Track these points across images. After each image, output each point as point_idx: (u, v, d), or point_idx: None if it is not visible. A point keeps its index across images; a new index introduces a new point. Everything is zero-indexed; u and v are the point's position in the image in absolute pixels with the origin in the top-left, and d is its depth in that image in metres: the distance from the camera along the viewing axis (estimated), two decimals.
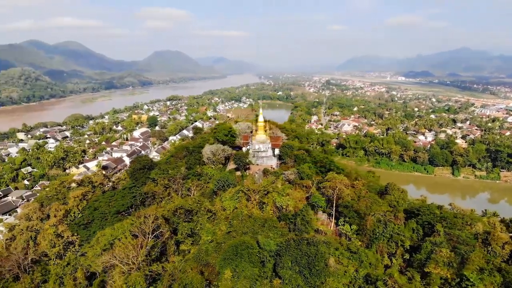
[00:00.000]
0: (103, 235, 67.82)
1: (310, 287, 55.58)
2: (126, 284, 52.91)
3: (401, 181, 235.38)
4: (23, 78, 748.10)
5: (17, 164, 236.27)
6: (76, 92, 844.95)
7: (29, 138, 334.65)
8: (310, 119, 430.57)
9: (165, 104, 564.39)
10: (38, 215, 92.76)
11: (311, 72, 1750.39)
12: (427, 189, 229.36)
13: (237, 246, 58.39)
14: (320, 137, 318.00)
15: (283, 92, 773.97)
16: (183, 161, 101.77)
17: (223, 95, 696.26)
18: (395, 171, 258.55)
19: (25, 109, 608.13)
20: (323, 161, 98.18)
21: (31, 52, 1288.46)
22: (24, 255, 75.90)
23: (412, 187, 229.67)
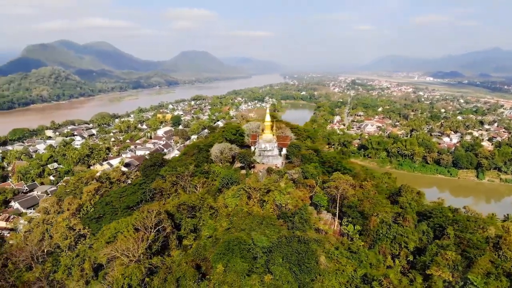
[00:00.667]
0: (108, 229, 70.73)
1: (300, 283, 56.30)
2: (122, 275, 55.19)
3: (423, 183, 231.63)
4: (53, 77, 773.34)
5: (44, 160, 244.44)
6: (104, 91, 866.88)
7: (57, 135, 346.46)
8: (333, 119, 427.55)
9: (190, 103, 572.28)
10: (56, 209, 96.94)
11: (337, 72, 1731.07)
12: (451, 192, 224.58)
13: (230, 242, 59.92)
14: (342, 137, 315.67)
15: (306, 92, 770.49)
16: (192, 159, 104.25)
17: (246, 95, 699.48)
18: (417, 173, 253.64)
19: (55, 107, 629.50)
20: (330, 161, 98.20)
21: (62, 52, 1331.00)
22: (38, 247, 79.87)
23: (435, 190, 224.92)
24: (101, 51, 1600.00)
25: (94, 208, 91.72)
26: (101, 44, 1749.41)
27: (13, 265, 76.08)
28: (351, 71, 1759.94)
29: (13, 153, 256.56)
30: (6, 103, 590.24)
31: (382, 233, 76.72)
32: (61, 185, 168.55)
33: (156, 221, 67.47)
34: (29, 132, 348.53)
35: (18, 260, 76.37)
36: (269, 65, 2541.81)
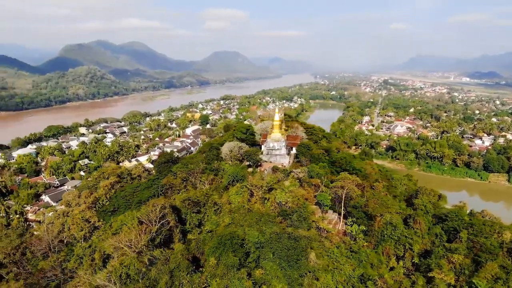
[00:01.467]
0: (116, 221, 74.14)
1: (288, 279, 57.11)
2: (121, 265, 58.01)
3: (451, 187, 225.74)
4: (89, 76, 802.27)
5: (76, 156, 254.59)
6: (138, 91, 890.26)
7: (90, 132, 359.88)
8: (362, 119, 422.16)
9: (219, 103, 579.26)
10: (76, 202, 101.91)
11: (369, 71, 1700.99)
12: (480, 196, 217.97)
13: (222, 236, 61.70)
14: (369, 138, 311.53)
15: (336, 91, 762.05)
16: (203, 157, 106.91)
17: (275, 94, 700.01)
18: (446, 176, 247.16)
19: (90, 105, 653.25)
20: (340, 162, 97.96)
21: (99, 51, 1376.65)
22: (54, 237, 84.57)
23: (464, 193, 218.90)
24: (136, 51, 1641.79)
25: (109, 202, 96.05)
26: (136, 44, 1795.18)
27: (31, 254, 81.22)
28: (384, 71, 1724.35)
29: (47, 149, 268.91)
30: (43, 101, 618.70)
31: (386, 234, 76.17)
32: (84, 179, 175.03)
33: (161, 215, 70.34)
34: (64, 129, 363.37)
35: (36, 250, 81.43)
36: (300, 64, 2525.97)
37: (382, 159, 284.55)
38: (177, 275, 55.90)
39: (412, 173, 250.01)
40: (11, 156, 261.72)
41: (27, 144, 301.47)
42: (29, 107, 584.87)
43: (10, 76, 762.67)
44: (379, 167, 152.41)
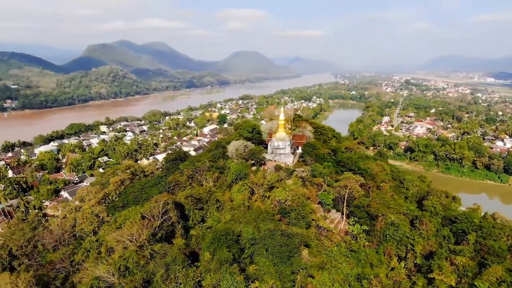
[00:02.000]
0: (120, 216, 76.26)
1: (280, 275, 57.70)
2: (120, 257, 59.90)
3: (470, 189, 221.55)
4: (111, 76, 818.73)
5: (96, 153, 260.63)
6: (159, 90, 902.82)
7: (110, 130, 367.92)
8: (381, 120, 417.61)
9: (237, 102, 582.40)
10: (89, 198, 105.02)
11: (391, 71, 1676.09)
12: (501, 199, 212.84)
13: (217, 232, 62.88)
14: (388, 139, 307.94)
15: (356, 91, 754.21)
16: (210, 155, 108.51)
17: (293, 94, 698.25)
18: (465, 178, 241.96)
19: (112, 104, 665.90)
20: (345, 162, 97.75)
21: (121, 51, 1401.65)
22: (64, 231, 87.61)
23: (483, 196, 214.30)
24: (158, 51, 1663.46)
25: (119, 198, 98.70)
26: (158, 44, 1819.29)
27: (42, 246, 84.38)
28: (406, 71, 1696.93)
29: (68, 146, 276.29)
30: (67, 100, 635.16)
31: (389, 235, 75.84)
32: (99, 176, 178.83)
33: (163, 210, 72.07)
34: (85, 127, 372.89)
35: (47, 243, 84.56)
36: (321, 64, 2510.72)
37: (400, 160, 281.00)
38: (173, 268, 57.37)
39: (430, 175, 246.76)
40: (33, 153, 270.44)
41: (49, 141, 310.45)
42: (53, 105, 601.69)
43: (35, 75, 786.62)
44: (393, 168, 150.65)
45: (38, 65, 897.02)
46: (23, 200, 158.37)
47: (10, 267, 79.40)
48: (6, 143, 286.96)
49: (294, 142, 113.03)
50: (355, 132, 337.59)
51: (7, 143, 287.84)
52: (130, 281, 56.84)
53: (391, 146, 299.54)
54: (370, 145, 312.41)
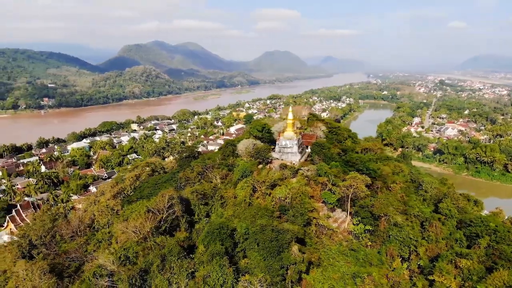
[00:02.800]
0: (128, 209, 79.58)
1: (269, 269, 58.81)
2: (120, 247, 62.99)
3: (500, 193, 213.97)
4: (144, 76, 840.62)
5: (125, 150, 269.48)
6: (190, 90, 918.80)
7: (141, 129, 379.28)
8: (411, 121, 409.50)
9: (265, 102, 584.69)
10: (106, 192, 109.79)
11: (426, 71, 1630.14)
12: None
13: (212, 226, 64.86)
14: (417, 140, 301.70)
15: (388, 91, 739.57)
16: (221, 153, 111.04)
17: (323, 94, 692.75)
18: (496, 182, 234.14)
19: (144, 103, 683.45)
20: (354, 162, 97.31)
21: (155, 52, 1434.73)
22: (81, 222, 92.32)
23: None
24: (190, 51, 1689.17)
25: (133, 192, 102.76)
26: (190, 44, 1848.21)
27: (60, 237, 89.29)
28: (442, 71, 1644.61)
29: (99, 143, 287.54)
30: (101, 98, 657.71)
31: (392, 235, 75.37)
32: (121, 171, 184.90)
33: (168, 205, 74.85)
34: (117, 125, 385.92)
35: (65, 233, 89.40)
36: (353, 63, 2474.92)
37: (429, 162, 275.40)
38: (169, 259, 60.06)
39: (459, 178, 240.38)
40: (66, 149, 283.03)
41: (81, 139, 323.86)
42: (88, 104, 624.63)
43: (72, 74, 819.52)
44: (414, 170, 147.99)
45: (75, 64, 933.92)
46: (52, 194, 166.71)
47: (29, 255, 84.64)
48: (41, 140, 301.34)
49: (304, 142, 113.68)
50: (383, 133, 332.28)
51: (42, 139, 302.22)
52: (127, 269, 59.94)
53: (420, 147, 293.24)
54: (398, 147, 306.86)
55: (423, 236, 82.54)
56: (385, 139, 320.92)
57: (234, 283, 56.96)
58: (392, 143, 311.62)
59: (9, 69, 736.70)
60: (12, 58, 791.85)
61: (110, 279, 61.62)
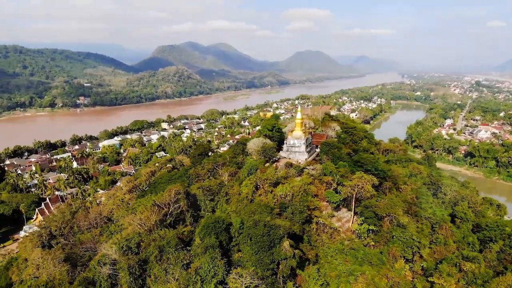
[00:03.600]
0: (137, 203, 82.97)
1: (260, 263, 60.10)
2: (123, 238, 66.23)
3: None
4: (177, 76, 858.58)
5: (154, 148, 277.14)
6: (221, 90, 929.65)
7: (171, 128, 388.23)
8: (443, 122, 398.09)
9: (293, 102, 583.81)
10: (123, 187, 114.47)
11: (463, 72, 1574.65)
12: None
13: (208, 220, 66.95)
14: (447, 143, 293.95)
15: (422, 92, 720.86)
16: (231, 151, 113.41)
17: (353, 94, 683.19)
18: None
19: (176, 103, 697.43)
20: (363, 162, 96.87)
21: (188, 52, 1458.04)
22: (97, 215, 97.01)
23: None
24: (222, 52, 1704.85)
25: (148, 187, 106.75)
26: (222, 45, 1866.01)
27: (78, 228, 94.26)
28: (479, 71, 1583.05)
29: (129, 141, 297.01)
30: (135, 98, 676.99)
31: (395, 236, 74.92)
32: (142, 167, 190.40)
33: (175, 199, 77.72)
34: (147, 124, 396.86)
35: (83, 225, 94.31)
36: (387, 63, 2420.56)
37: (460, 165, 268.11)
38: (167, 250, 62.77)
39: (489, 182, 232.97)
40: (97, 146, 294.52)
41: (113, 136, 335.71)
42: (121, 103, 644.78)
43: (108, 74, 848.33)
44: (436, 172, 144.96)
45: (110, 65, 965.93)
46: (80, 189, 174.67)
47: (48, 245, 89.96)
48: (74, 137, 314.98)
49: (314, 141, 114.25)
50: (413, 135, 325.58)
51: (75, 136, 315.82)
52: (127, 259, 63.12)
53: (450, 150, 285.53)
54: (428, 149, 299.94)
55: (432, 239, 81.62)
56: (415, 141, 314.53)
57: (225, 275, 58.99)
58: (421, 145, 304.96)
59: (48, 68, 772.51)
60: (50, 58, 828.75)
61: (112, 267, 65.17)
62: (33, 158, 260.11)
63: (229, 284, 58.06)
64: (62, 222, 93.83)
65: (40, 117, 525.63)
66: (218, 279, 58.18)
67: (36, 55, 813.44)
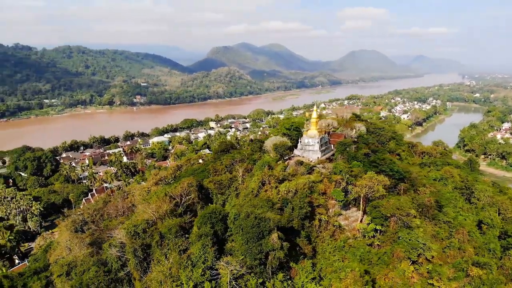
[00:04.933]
0: (152, 193, 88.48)
1: (249, 253, 62.51)
2: (130, 224, 72.08)
3: None
4: (228, 77, 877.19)
5: (199, 146, 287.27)
6: (270, 90, 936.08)
7: (218, 126, 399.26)
8: (500, 126, 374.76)
9: (342, 103, 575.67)
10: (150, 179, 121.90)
11: None
12: None
13: (205, 211, 70.84)
14: (501, 147, 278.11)
15: (481, 94, 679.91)
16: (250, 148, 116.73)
17: (407, 95, 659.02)
18: None
19: (226, 103, 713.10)
20: (379, 162, 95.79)
21: (241, 53, 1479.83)
22: (125, 204, 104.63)
23: None
24: (275, 52, 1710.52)
25: (174, 180, 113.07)
26: (275, 46, 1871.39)
27: (107, 215, 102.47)
28: None
29: (177, 138, 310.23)
30: (188, 98, 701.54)
31: (402, 237, 74.18)
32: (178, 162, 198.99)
33: (187, 191, 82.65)
34: (197, 122, 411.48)
35: (112, 213, 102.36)
36: (447, 63, 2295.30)
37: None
38: (167, 237, 67.60)
39: None
40: (148, 142, 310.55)
41: (163, 133, 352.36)
42: (175, 102, 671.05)
43: (164, 74, 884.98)
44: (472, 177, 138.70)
45: (167, 65, 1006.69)
46: (125, 181, 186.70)
47: (81, 230, 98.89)
48: (127, 133, 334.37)
49: (332, 141, 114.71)
50: (465, 138, 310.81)
51: (128, 133, 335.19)
52: (131, 242, 68.87)
53: (504, 155, 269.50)
54: (480, 153, 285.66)
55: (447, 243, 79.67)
56: (467, 145, 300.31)
57: (215, 262, 62.72)
58: (473, 149, 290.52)
59: (108, 68, 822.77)
60: (111, 59, 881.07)
61: (122, 250, 71.31)
62: (87, 152, 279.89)
63: (218, 270, 61.93)
64: (94, 210, 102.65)
65: (99, 114, 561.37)
66: (207, 265, 62.07)
67: (98, 56, 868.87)
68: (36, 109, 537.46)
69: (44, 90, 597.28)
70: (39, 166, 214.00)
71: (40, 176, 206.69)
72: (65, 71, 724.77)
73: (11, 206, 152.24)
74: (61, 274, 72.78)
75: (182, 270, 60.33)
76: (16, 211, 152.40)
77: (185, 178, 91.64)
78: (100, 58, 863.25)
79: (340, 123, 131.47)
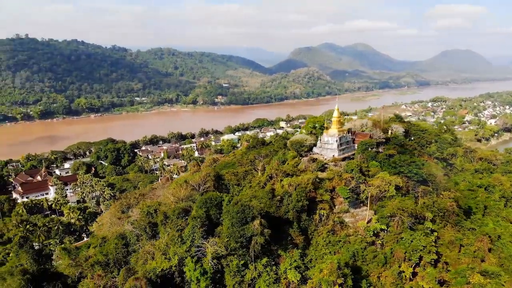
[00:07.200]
0: (176, 180, 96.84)
1: (234, 236, 66.87)
2: (145, 205, 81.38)
3: None
4: (306, 77, 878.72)
5: None
6: (350, 91, 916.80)
7: (288, 126, 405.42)
8: None
9: (425, 105, 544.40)
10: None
11: None
12: None
13: (203, 197, 76.96)
14: None
15: None
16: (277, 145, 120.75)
17: (500, 98, 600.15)
18: None
19: (303, 103, 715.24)
20: (399, 164, 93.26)
21: (324, 54, 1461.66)
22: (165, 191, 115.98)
23: None
24: (359, 52, 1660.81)
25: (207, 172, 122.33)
26: (360, 45, 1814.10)
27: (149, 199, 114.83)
28: None
29: (245, 136, 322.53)
30: (265, 98, 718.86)
31: (404, 238, 73.03)
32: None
33: (205, 180, 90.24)
34: (268, 122, 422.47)
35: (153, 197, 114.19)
36: None
37: None
38: (170, 217, 75.42)
39: None
40: (219, 139, 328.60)
41: (235, 132, 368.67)
42: (253, 102, 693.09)
43: (246, 75, 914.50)
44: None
45: (249, 67, 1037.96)
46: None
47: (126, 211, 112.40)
48: (202, 130, 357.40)
49: (356, 140, 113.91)
50: None
51: (203, 130, 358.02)
52: (141, 219, 78.29)
53: None
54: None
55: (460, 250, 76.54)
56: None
57: (201, 241, 69.28)
58: None
59: (195, 69, 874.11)
60: (198, 60, 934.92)
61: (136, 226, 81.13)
62: (164, 146, 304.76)
63: (204, 248, 68.34)
64: (140, 194, 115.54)
65: (183, 112, 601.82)
66: (195, 243, 69.03)
67: (186, 57, 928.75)
68: (128, 106, 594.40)
69: (136, 88, 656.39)
70: (117, 157, 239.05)
71: (118, 166, 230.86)
72: (156, 71, 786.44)
73: (87, 190, 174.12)
74: (95, 246, 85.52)
75: (172, 245, 68.12)
76: (91, 195, 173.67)
77: (205, 168, 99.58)
78: (188, 59, 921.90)
79: (376, 123, 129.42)
